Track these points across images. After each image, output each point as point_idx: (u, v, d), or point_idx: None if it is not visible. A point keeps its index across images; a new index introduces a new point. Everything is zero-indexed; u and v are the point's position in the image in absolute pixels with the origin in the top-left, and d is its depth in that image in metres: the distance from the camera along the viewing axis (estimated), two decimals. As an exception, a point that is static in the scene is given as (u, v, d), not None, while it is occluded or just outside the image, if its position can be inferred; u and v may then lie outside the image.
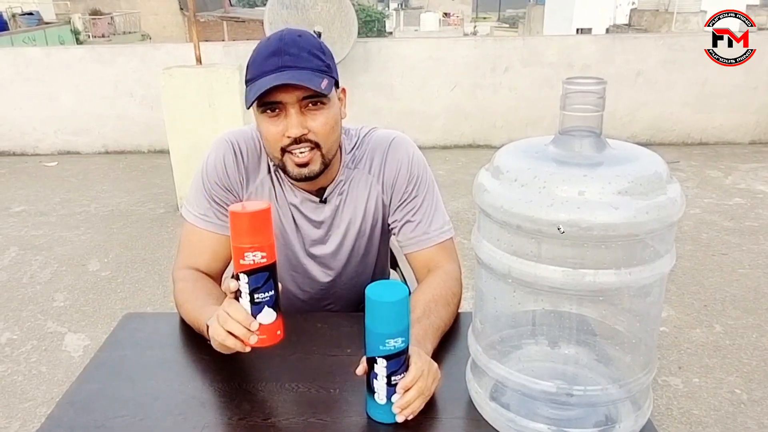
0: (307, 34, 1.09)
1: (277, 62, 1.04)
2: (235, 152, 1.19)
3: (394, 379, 0.86)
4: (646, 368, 0.85)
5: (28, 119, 5.68)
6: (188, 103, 3.80)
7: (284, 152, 1.10)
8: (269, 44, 1.06)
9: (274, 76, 1.03)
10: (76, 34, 18.04)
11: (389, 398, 0.87)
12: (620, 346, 0.91)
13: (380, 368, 0.85)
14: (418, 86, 5.56)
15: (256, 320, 0.88)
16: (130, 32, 20.80)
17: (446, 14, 37.85)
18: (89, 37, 18.95)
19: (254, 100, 1.04)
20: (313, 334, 1.14)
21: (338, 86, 1.14)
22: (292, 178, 1.15)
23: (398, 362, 0.86)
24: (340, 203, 1.23)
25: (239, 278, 0.87)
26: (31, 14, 17.20)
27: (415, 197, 1.22)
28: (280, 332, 0.91)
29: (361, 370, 0.89)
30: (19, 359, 2.50)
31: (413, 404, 0.87)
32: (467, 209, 4.01)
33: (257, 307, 0.88)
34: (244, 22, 18.62)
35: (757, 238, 3.58)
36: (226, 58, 5.31)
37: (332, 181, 1.21)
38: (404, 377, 0.87)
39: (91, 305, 2.94)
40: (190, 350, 1.11)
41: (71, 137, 5.75)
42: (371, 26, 21.55)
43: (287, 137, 1.07)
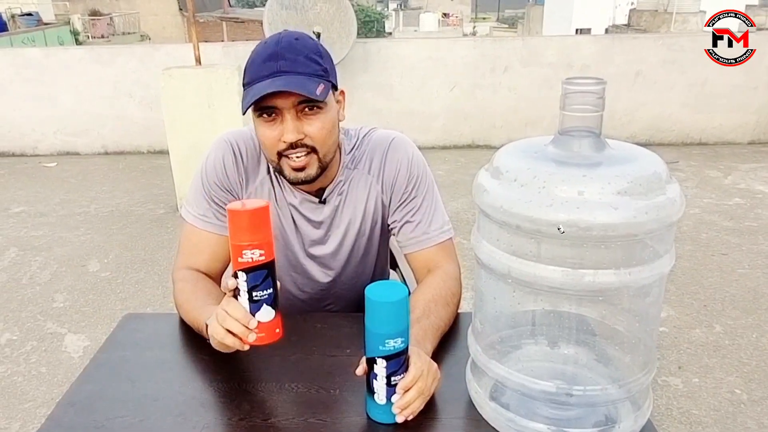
0: (304, 37, 1.09)
1: (273, 67, 1.04)
2: (234, 153, 1.19)
3: (393, 379, 0.86)
4: (645, 368, 0.85)
5: (27, 120, 5.67)
6: (188, 103, 3.80)
7: (281, 156, 1.10)
8: (266, 48, 1.06)
9: (269, 81, 1.03)
10: (75, 34, 18.03)
11: (389, 398, 0.87)
12: (620, 346, 0.91)
13: (380, 368, 0.86)
14: (417, 86, 5.56)
15: (254, 318, 0.88)
16: (129, 33, 20.81)
17: (445, 14, 37.85)
18: (88, 37, 18.95)
19: (248, 106, 1.05)
20: (312, 334, 1.14)
21: (336, 89, 1.14)
22: (288, 181, 1.15)
23: (398, 362, 0.86)
24: (339, 203, 1.23)
25: (238, 276, 0.87)
26: (30, 15, 17.18)
27: (414, 197, 1.22)
28: (279, 330, 0.91)
29: (360, 370, 0.89)
30: (18, 360, 2.50)
31: (413, 404, 0.87)
32: (467, 209, 4.01)
33: (256, 305, 0.88)
34: (243, 22, 18.62)
35: (756, 238, 3.58)
36: (225, 58, 5.30)
37: (332, 181, 1.21)
38: (404, 377, 0.87)
39: (90, 306, 2.94)
40: (189, 351, 1.11)
41: (71, 138, 5.74)
42: (370, 27, 21.55)
43: (283, 142, 1.08)
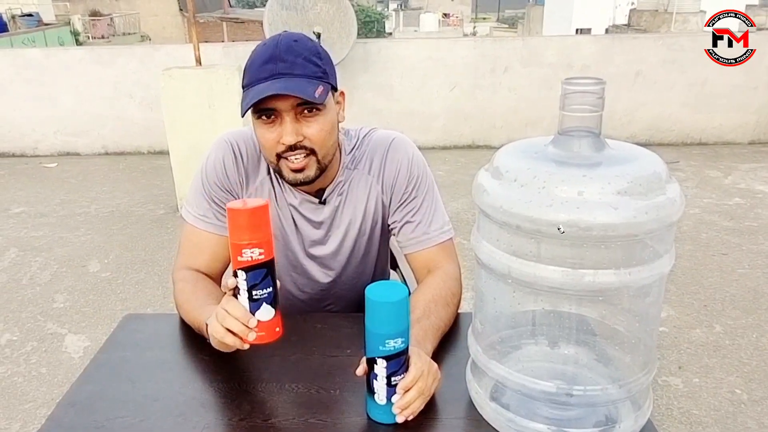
0: (303, 38, 1.08)
1: (272, 69, 1.03)
2: (234, 153, 1.19)
3: (394, 379, 0.86)
4: (645, 368, 0.85)
5: (27, 120, 5.68)
6: (188, 104, 3.80)
7: (280, 158, 1.10)
8: (265, 50, 1.06)
9: (268, 84, 1.03)
10: (75, 35, 18.05)
11: (389, 399, 0.87)
12: (620, 346, 0.91)
13: (380, 369, 0.86)
14: (417, 87, 5.56)
15: (254, 317, 0.88)
16: (129, 33, 20.81)
17: (445, 15, 37.87)
18: (89, 38, 18.96)
19: (247, 108, 1.05)
20: (313, 334, 1.14)
21: (336, 90, 1.14)
22: (288, 182, 1.16)
23: (398, 363, 0.86)
24: (339, 204, 1.23)
25: (237, 275, 0.87)
26: (30, 15, 17.19)
27: (414, 198, 1.22)
28: (279, 329, 0.91)
29: (361, 370, 0.89)
30: (19, 360, 2.50)
31: (413, 405, 0.87)
32: (467, 210, 4.01)
33: (256, 303, 0.88)
34: (243, 23, 18.63)
35: (756, 238, 3.58)
36: (225, 58, 5.30)
37: (332, 181, 1.21)
38: (404, 378, 0.87)
39: (91, 306, 2.94)
40: (190, 351, 1.11)
41: (71, 138, 5.74)
42: (371, 27, 21.57)
43: (282, 144, 1.08)
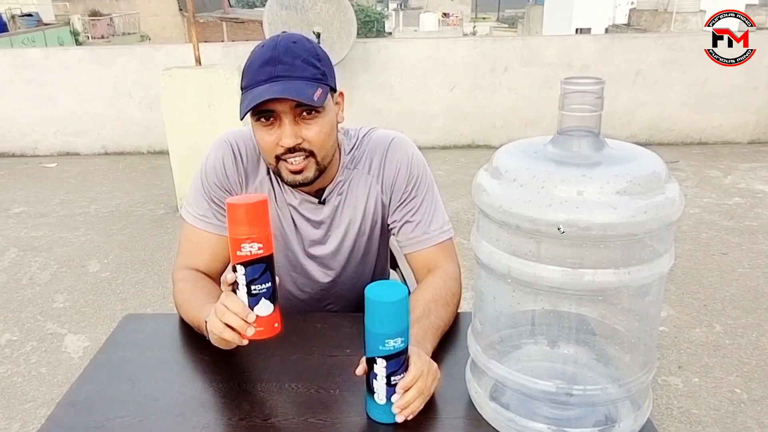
0: (302, 39, 1.08)
1: (270, 71, 1.03)
2: (234, 153, 1.19)
3: (393, 379, 0.86)
4: (645, 368, 0.85)
5: (27, 120, 5.68)
6: (188, 103, 3.80)
7: (279, 160, 1.10)
8: (263, 52, 1.05)
9: (267, 86, 1.03)
10: (75, 35, 18.04)
11: (389, 398, 0.87)
12: (620, 345, 0.91)
13: (380, 368, 0.86)
14: (417, 86, 5.56)
15: (253, 312, 0.89)
16: (129, 33, 20.81)
17: (445, 14, 37.86)
18: (88, 38, 18.96)
19: (246, 112, 1.05)
20: (312, 334, 1.14)
21: (335, 91, 1.14)
22: (287, 184, 1.16)
23: (398, 362, 0.86)
24: (339, 204, 1.23)
25: (236, 270, 0.87)
26: (30, 15, 17.18)
27: (414, 197, 1.22)
28: (277, 325, 0.91)
29: (360, 370, 0.89)
30: (18, 360, 2.50)
31: (413, 404, 0.87)
32: (466, 209, 4.01)
33: (254, 298, 0.88)
34: (243, 22, 18.62)
35: (756, 237, 3.58)
36: (225, 58, 5.30)
37: (331, 181, 1.21)
38: (404, 377, 0.87)
39: (90, 306, 2.94)
40: (189, 351, 1.11)
41: (71, 138, 5.75)
42: (370, 26, 21.56)
43: (281, 146, 1.08)
